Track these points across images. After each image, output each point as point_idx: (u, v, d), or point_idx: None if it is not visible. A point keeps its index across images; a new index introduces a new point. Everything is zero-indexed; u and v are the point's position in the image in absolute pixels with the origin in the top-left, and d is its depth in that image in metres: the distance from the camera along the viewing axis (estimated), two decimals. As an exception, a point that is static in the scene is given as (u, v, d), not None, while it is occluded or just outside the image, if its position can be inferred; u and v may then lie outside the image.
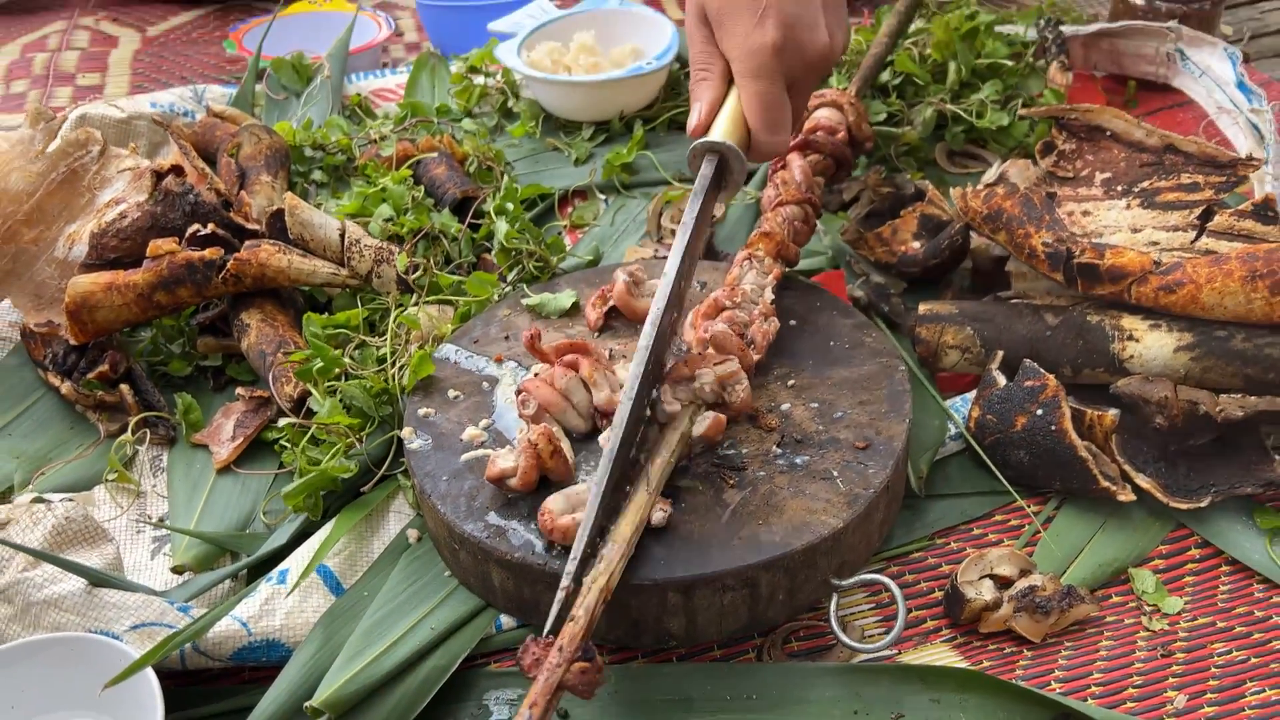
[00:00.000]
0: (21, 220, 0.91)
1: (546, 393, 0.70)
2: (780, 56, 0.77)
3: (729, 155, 0.77)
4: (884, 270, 0.94)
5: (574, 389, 0.71)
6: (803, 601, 0.66)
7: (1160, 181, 0.88)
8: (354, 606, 0.67)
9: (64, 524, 0.69)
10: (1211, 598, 0.70)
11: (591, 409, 0.71)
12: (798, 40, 0.78)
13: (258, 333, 0.86)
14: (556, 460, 0.66)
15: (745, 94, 0.78)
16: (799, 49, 0.78)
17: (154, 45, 1.40)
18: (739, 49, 0.78)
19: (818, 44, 0.79)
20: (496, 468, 0.66)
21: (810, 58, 0.79)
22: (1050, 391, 0.74)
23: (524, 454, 0.65)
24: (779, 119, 0.79)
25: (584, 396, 0.71)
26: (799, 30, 0.78)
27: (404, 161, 1.04)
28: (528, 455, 0.65)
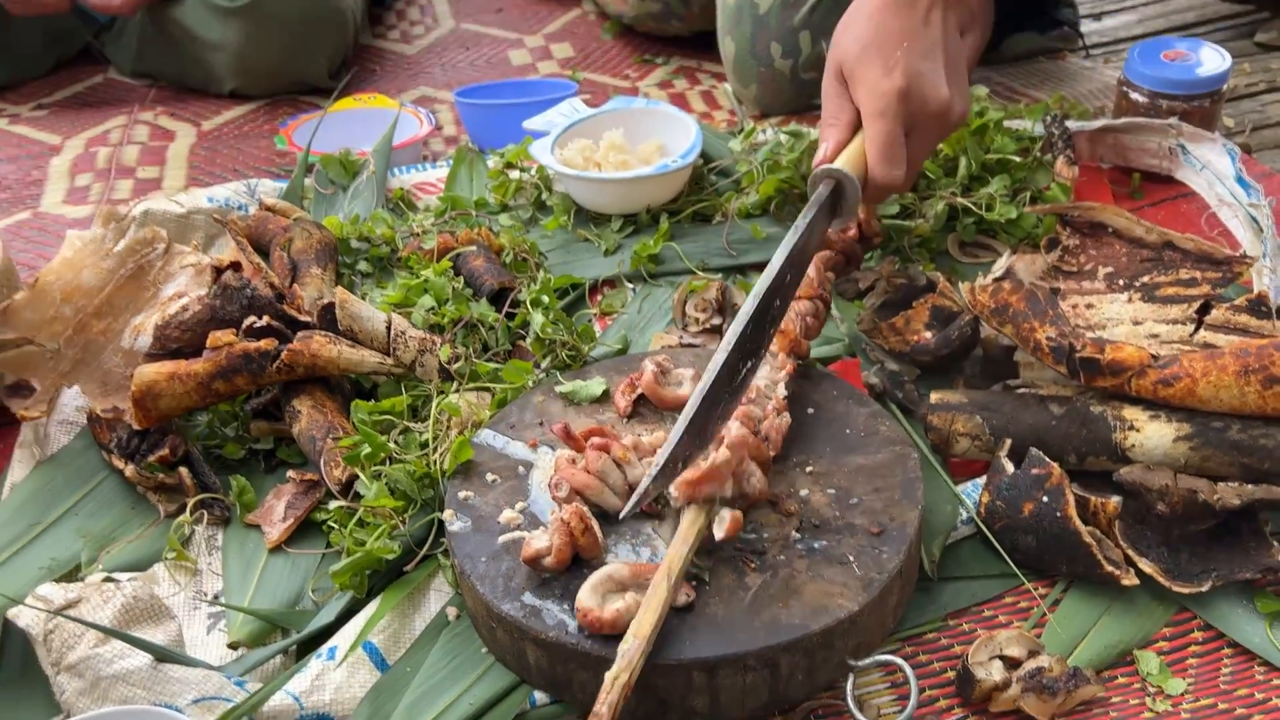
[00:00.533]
0: (92, 313, 0.97)
1: (582, 477, 0.75)
2: (904, 102, 0.89)
3: (845, 184, 0.88)
4: (898, 358, 0.98)
5: (608, 470, 0.76)
6: (821, 681, 0.70)
7: (1160, 276, 0.92)
8: (397, 682, 0.72)
9: (132, 602, 0.74)
10: (1214, 680, 0.73)
11: (626, 486, 0.76)
12: (921, 90, 0.90)
13: (308, 419, 0.91)
14: (588, 538, 0.71)
15: (869, 130, 0.90)
16: (922, 98, 0.90)
17: (208, 139, 1.49)
18: (868, 92, 0.90)
19: (939, 97, 0.91)
20: (531, 548, 0.70)
21: (931, 109, 0.91)
22: (1055, 480, 0.78)
23: (558, 533, 0.70)
24: (896, 156, 0.90)
25: (618, 476, 0.76)
26: (922, 82, 0.90)
27: (444, 254, 1.10)
28: (561, 534, 0.70)
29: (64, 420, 0.98)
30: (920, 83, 0.90)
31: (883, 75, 0.90)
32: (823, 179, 0.89)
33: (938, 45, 0.93)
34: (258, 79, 1.54)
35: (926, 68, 0.91)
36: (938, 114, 0.92)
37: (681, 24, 1.63)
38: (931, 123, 0.93)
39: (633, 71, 1.65)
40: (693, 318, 1.07)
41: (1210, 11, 1.64)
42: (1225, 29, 1.60)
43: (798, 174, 1.18)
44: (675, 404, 0.87)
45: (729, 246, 1.15)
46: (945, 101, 0.92)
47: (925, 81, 0.91)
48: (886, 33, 0.92)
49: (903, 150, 0.91)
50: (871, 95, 0.90)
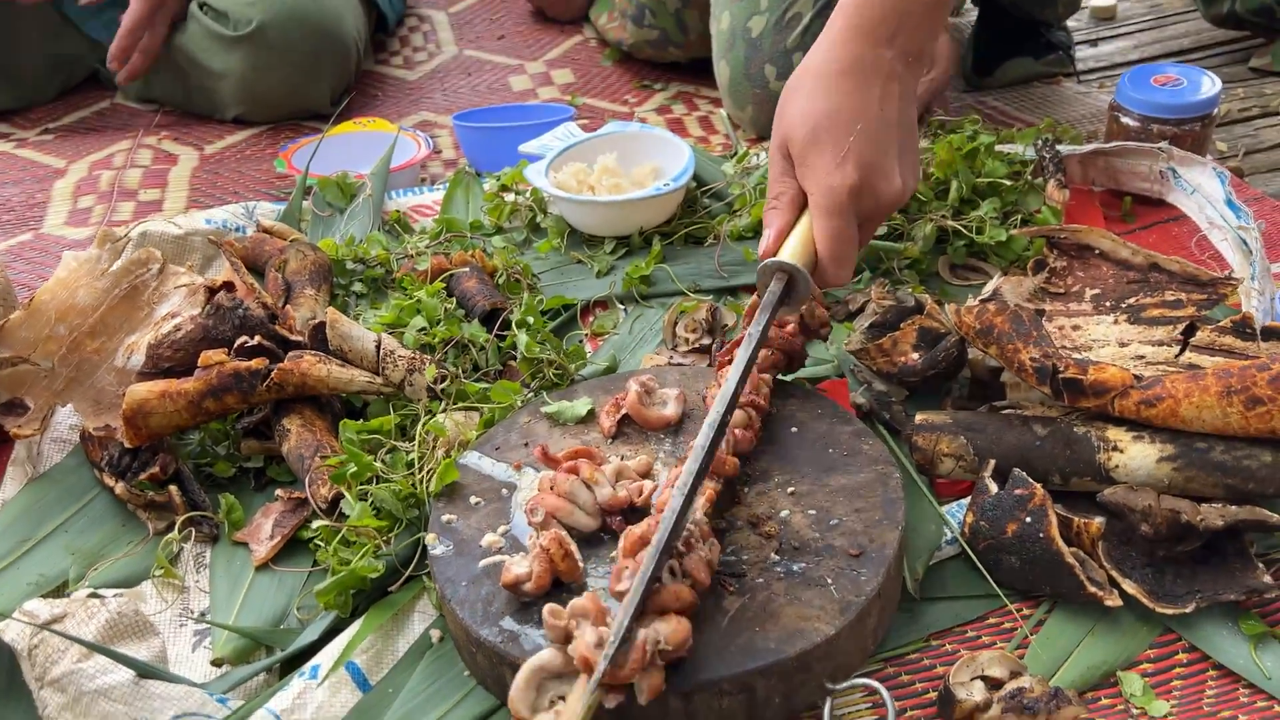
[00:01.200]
0: (86, 332, 0.99)
1: (551, 500, 0.75)
2: (856, 198, 0.86)
3: (796, 276, 0.85)
4: (886, 379, 0.99)
5: (577, 490, 0.76)
6: (799, 704, 0.70)
7: (1146, 298, 0.93)
8: (379, 703, 0.72)
9: (116, 618, 0.74)
10: (1198, 702, 0.73)
11: (597, 506, 0.76)
12: (873, 184, 0.86)
13: (298, 437, 0.92)
14: (568, 563, 0.71)
15: (819, 228, 0.86)
16: (873, 192, 0.87)
17: (210, 163, 1.51)
18: (818, 186, 0.86)
19: (892, 189, 0.88)
20: (511, 574, 0.71)
21: (883, 201, 0.88)
22: (1038, 500, 0.78)
23: (537, 559, 0.70)
24: (847, 254, 0.87)
25: (588, 496, 0.76)
26: (875, 175, 0.86)
27: (438, 275, 1.11)
28: (541, 560, 0.70)
29: (57, 438, 0.99)
30: (873, 176, 0.86)
31: (834, 168, 0.85)
32: (774, 273, 0.85)
33: (891, 127, 0.88)
34: (261, 106, 1.56)
35: (879, 158, 0.86)
36: (889, 205, 0.89)
37: (679, 51, 1.64)
38: (881, 213, 0.90)
39: (632, 97, 1.66)
40: (683, 338, 1.08)
41: (1205, 38, 1.65)
42: (1220, 54, 1.61)
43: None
44: (659, 424, 0.87)
45: (720, 268, 1.16)
46: (898, 192, 0.88)
47: (878, 174, 0.87)
48: (837, 113, 0.86)
49: (854, 247, 0.88)
50: (822, 190, 0.86)
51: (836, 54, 0.89)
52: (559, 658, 0.64)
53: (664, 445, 0.85)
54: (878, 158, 0.86)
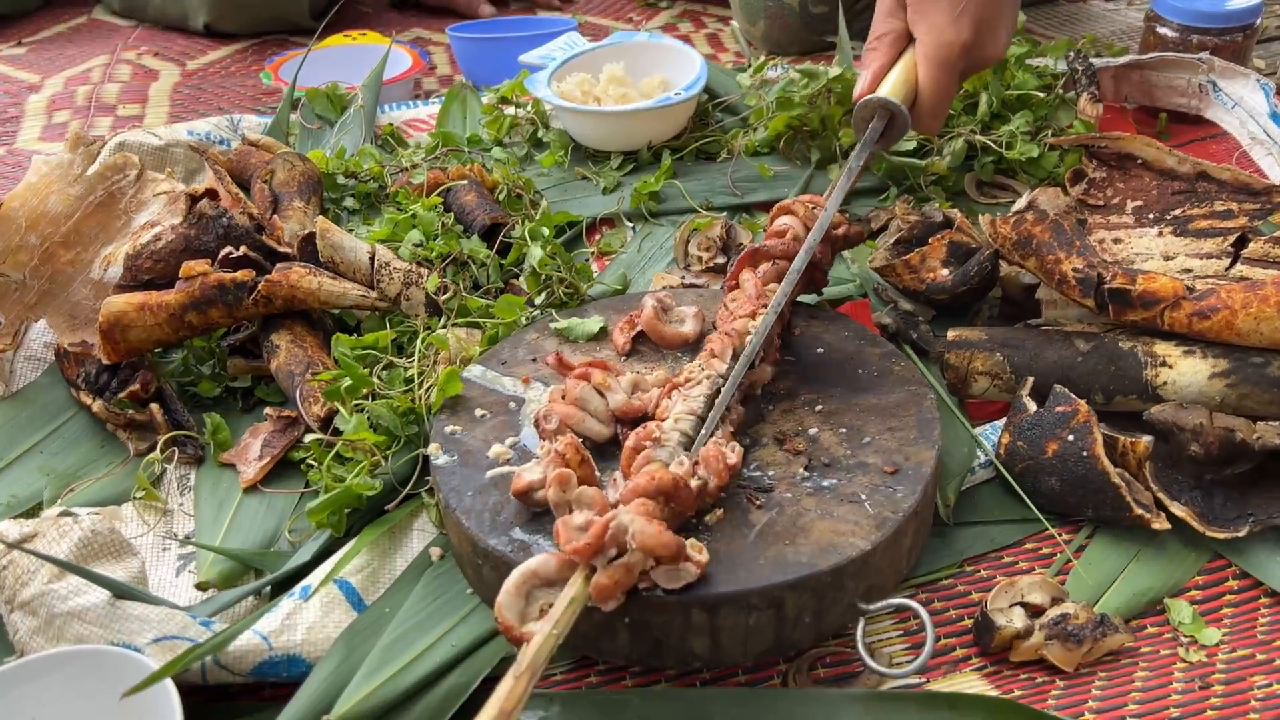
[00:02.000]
0: (59, 242, 0.92)
1: (562, 407, 0.70)
2: (966, 55, 0.87)
3: (897, 115, 0.85)
4: (912, 298, 0.93)
5: (589, 397, 0.71)
6: (829, 626, 0.65)
7: (1193, 209, 0.87)
8: (375, 623, 0.67)
9: (90, 537, 0.69)
10: (1251, 630, 0.68)
11: (610, 414, 0.71)
12: (982, 44, 0.88)
13: (287, 354, 0.86)
14: (585, 469, 0.66)
15: (925, 77, 0.87)
16: (980, 50, 0.89)
17: (193, 78, 1.43)
18: (932, 37, 0.87)
19: (997, 49, 0.90)
20: (523, 481, 0.65)
21: (985, 59, 0.90)
22: (1082, 417, 0.73)
23: (551, 463, 0.65)
24: (945, 107, 0.90)
25: (600, 403, 0.71)
26: (985, 33, 0.88)
27: (435, 189, 1.05)
28: (556, 464, 0.65)
29: (30, 355, 0.93)
30: (984, 36, 0.87)
31: (950, 23, 0.86)
32: (877, 110, 0.86)
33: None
34: (231, 11, 1.48)
35: (993, 17, 0.87)
36: (988, 62, 0.91)
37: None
38: (977, 69, 0.92)
39: (636, 15, 1.59)
40: (695, 257, 1.02)
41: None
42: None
43: (813, 112, 1.12)
44: (676, 341, 0.82)
45: (734, 185, 1.10)
46: (1000, 54, 0.90)
47: (988, 34, 0.88)
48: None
49: (951, 100, 0.90)
50: (936, 41, 0.87)
51: None
52: (553, 563, 0.58)
53: (681, 365, 0.80)
54: (991, 16, 0.87)
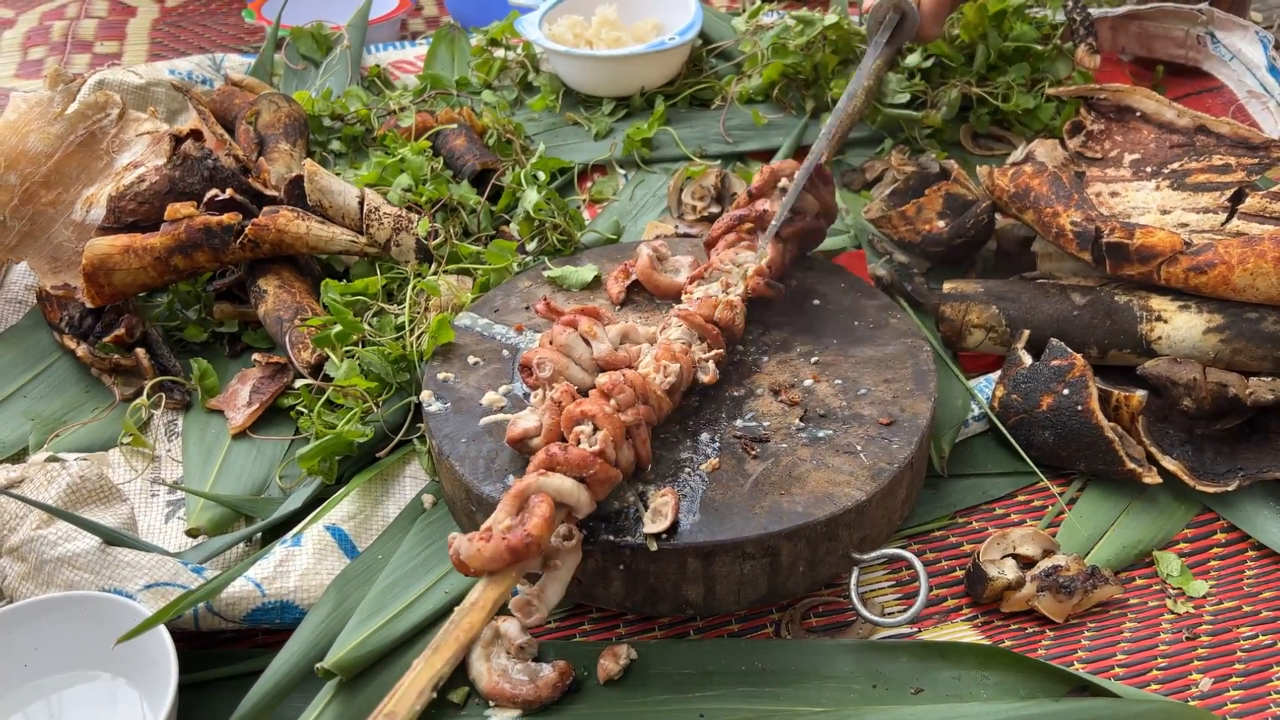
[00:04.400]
0: (39, 182, 0.90)
1: (546, 351, 0.69)
2: None
3: (909, 12, 0.95)
4: (907, 249, 0.92)
5: (574, 344, 0.71)
6: (823, 575, 0.65)
7: (1191, 163, 0.86)
8: (367, 570, 0.67)
9: (78, 482, 0.68)
10: (1237, 582, 0.69)
11: (593, 363, 0.71)
12: None
13: (275, 299, 0.85)
14: None
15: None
16: None
17: (172, 15, 1.39)
18: None
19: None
20: (519, 428, 0.65)
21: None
22: (1077, 371, 0.73)
23: (548, 411, 0.65)
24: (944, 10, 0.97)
25: (584, 350, 0.71)
26: None
27: (423, 133, 1.03)
28: (552, 412, 0.64)
29: (11, 299, 0.92)
30: None
31: None
32: (890, 8, 0.95)
33: None
34: None
35: None
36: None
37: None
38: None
39: (627, -43, 1.55)
40: (689, 205, 1.01)
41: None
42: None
43: (806, 60, 1.10)
44: (671, 291, 0.81)
45: (727, 133, 1.08)
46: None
47: None
48: None
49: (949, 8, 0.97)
50: None
51: None
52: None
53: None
54: None
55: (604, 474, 0.60)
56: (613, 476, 0.60)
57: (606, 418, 0.61)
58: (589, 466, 0.59)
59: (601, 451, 0.60)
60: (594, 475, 0.59)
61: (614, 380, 0.63)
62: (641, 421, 0.63)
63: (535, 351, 0.69)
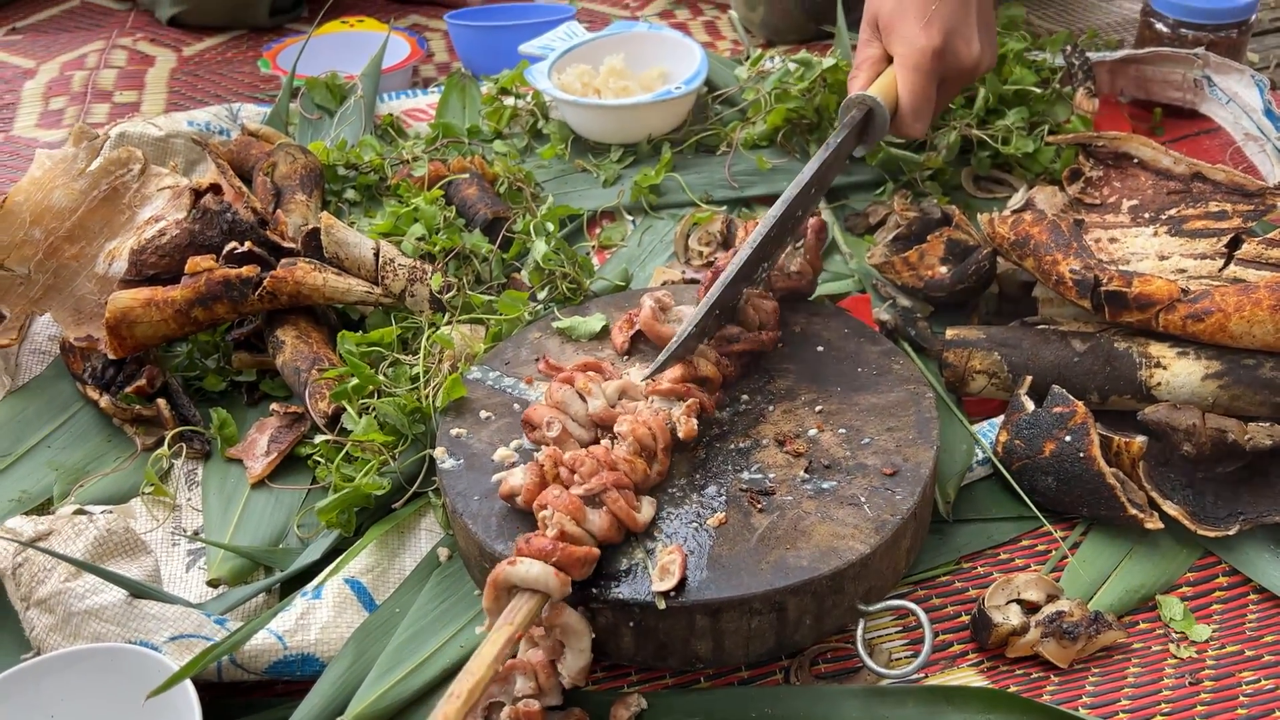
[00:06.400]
0: (64, 236, 0.92)
1: (543, 410, 0.71)
2: (938, 60, 0.91)
3: (877, 112, 0.90)
4: (910, 294, 0.94)
5: (570, 400, 0.72)
6: (829, 626, 0.67)
7: (1188, 209, 0.88)
8: (386, 623, 0.68)
9: (105, 536, 0.70)
10: (1240, 626, 0.70)
11: (589, 419, 0.72)
12: (955, 47, 0.92)
13: (292, 349, 0.87)
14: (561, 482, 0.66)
15: (903, 81, 0.92)
16: (955, 56, 0.93)
17: (190, 64, 1.43)
18: (904, 45, 0.92)
19: (971, 52, 0.93)
20: (507, 485, 0.67)
21: (963, 65, 0.93)
22: (1079, 418, 0.75)
23: (529, 472, 0.66)
24: (926, 109, 0.93)
25: (580, 407, 0.72)
26: (956, 39, 0.92)
27: (436, 182, 1.05)
28: (532, 473, 0.66)
29: (35, 349, 0.94)
30: (954, 41, 0.92)
31: (919, 32, 0.91)
32: (856, 105, 0.91)
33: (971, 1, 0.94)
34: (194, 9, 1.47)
35: (961, 24, 0.92)
36: (968, 70, 0.94)
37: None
38: (960, 77, 0.95)
39: (633, 1, 1.58)
40: (696, 251, 1.03)
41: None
42: (1249, -37, 1.54)
43: (808, 104, 1.12)
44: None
45: (733, 178, 1.10)
46: (976, 58, 0.94)
47: (959, 39, 0.92)
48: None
49: (932, 104, 0.93)
50: (908, 50, 0.92)
51: None
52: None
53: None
54: (959, 24, 0.92)
55: (568, 557, 0.61)
56: (583, 556, 0.61)
57: (557, 500, 0.63)
58: (550, 554, 0.60)
59: (560, 535, 0.62)
60: (561, 559, 0.60)
61: (574, 455, 0.66)
62: (608, 486, 0.64)
63: (536, 409, 0.71)
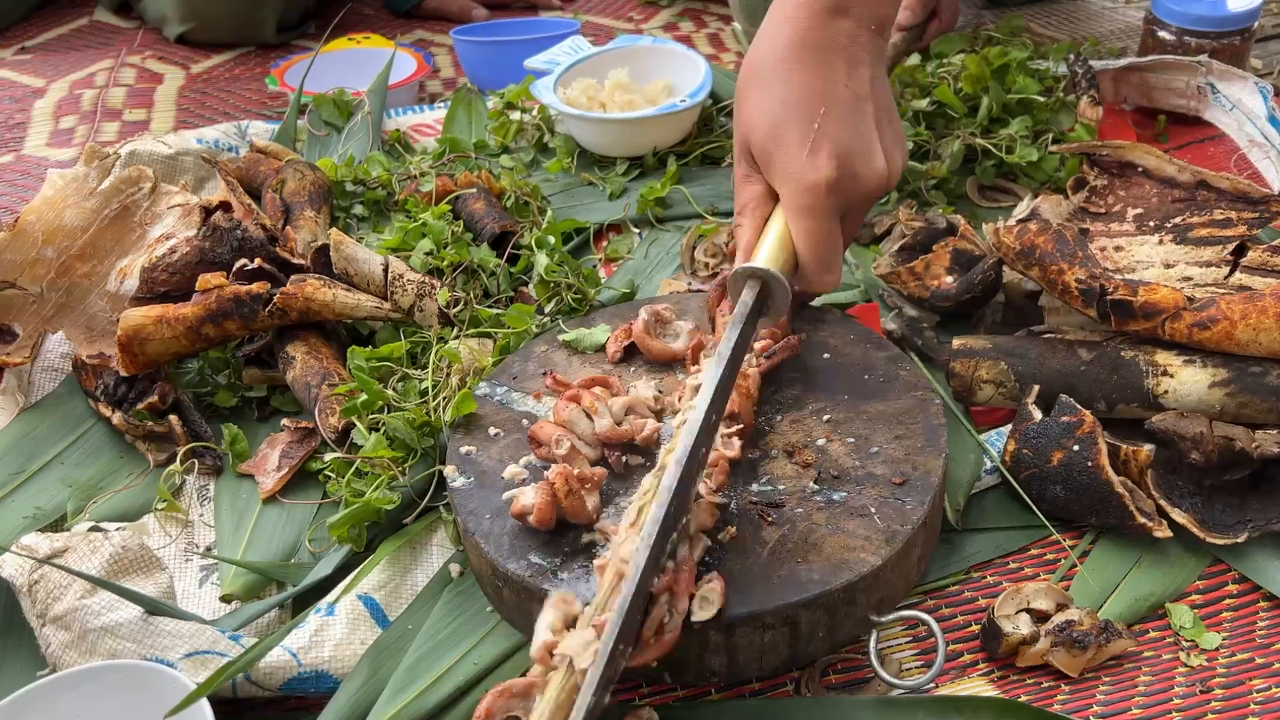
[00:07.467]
0: (75, 255, 0.93)
1: (549, 429, 0.71)
2: (834, 193, 0.73)
3: (772, 283, 0.73)
4: (917, 304, 0.95)
5: (576, 419, 0.72)
6: (842, 638, 0.67)
7: (1193, 217, 0.88)
8: (399, 640, 0.69)
9: (121, 553, 0.71)
10: (1250, 633, 0.70)
11: (596, 438, 0.73)
12: (853, 173, 0.74)
13: (303, 365, 0.88)
14: (572, 501, 0.66)
15: (797, 231, 0.74)
16: (854, 182, 0.74)
17: (198, 82, 1.44)
18: (790, 184, 0.74)
19: (876, 174, 0.75)
20: (519, 504, 0.67)
21: (866, 189, 0.75)
22: (1087, 427, 0.75)
23: (540, 491, 0.67)
24: (832, 256, 0.75)
25: (587, 426, 0.73)
26: (854, 162, 0.73)
27: (443, 197, 1.06)
28: (543, 493, 0.66)
29: (48, 367, 0.94)
30: (851, 164, 0.73)
31: (804, 162, 0.73)
32: (746, 280, 0.73)
33: (864, 101, 0.75)
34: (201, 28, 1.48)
35: (854, 141, 0.73)
36: (875, 191, 0.76)
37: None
38: (866, 201, 0.77)
39: (637, 14, 1.60)
40: (702, 263, 1.03)
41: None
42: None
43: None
44: (664, 357, 0.82)
45: (739, 190, 1.11)
46: (883, 175, 0.75)
47: (856, 160, 0.73)
48: (798, 101, 0.73)
49: (839, 246, 0.76)
50: (794, 189, 0.73)
51: (786, 36, 0.76)
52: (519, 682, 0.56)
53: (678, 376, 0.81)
54: (853, 141, 0.73)
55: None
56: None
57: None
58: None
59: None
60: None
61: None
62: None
63: (543, 427, 0.71)
